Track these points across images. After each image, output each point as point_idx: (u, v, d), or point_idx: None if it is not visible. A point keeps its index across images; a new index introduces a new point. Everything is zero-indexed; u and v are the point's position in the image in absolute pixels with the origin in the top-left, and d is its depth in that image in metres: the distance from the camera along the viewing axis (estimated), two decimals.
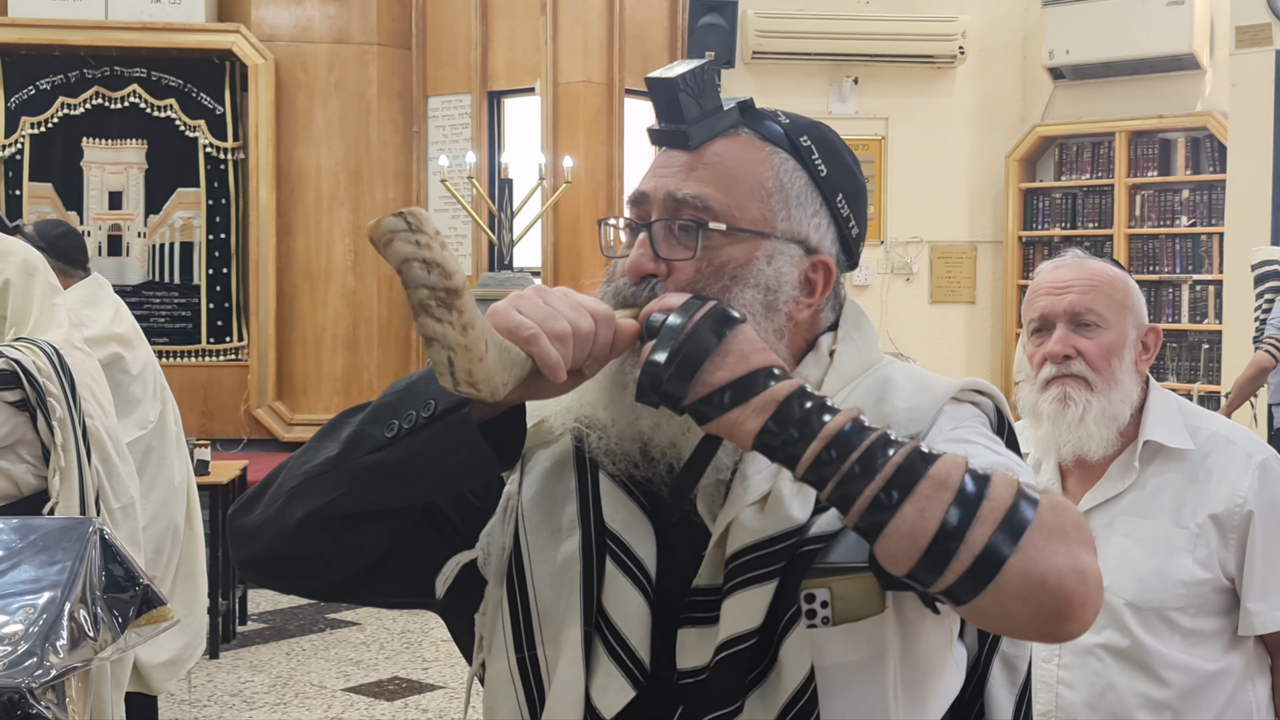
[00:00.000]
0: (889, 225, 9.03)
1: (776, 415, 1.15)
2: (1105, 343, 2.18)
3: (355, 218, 8.85)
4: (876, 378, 1.36)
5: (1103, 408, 2.16)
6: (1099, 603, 1.11)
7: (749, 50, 8.66)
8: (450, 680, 5.68)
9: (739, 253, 1.30)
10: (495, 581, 1.32)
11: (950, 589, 1.09)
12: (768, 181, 1.32)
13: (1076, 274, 2.21)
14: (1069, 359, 2.18)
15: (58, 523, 2.54)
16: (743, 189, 1.31)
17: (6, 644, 2.20)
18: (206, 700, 5.39)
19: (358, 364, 8.89)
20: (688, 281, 1.29)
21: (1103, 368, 2.17)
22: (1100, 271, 2.22)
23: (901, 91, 8.95)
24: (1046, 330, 2.21)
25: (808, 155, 1.35)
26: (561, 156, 7.85)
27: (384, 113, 8.82)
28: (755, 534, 1.23)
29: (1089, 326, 2.19)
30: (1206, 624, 2.13)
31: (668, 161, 1.33)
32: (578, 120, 8.15)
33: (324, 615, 6.77)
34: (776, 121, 1.36)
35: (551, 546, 1.30)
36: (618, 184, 8.27)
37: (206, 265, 8.92)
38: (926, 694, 1.31)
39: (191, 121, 8.83)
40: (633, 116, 8.49)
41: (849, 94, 8.97)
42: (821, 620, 1.23)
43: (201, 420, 8.48)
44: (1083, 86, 8.68)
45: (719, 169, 1.31)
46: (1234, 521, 2.13)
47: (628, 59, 8.30)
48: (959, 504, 1.09)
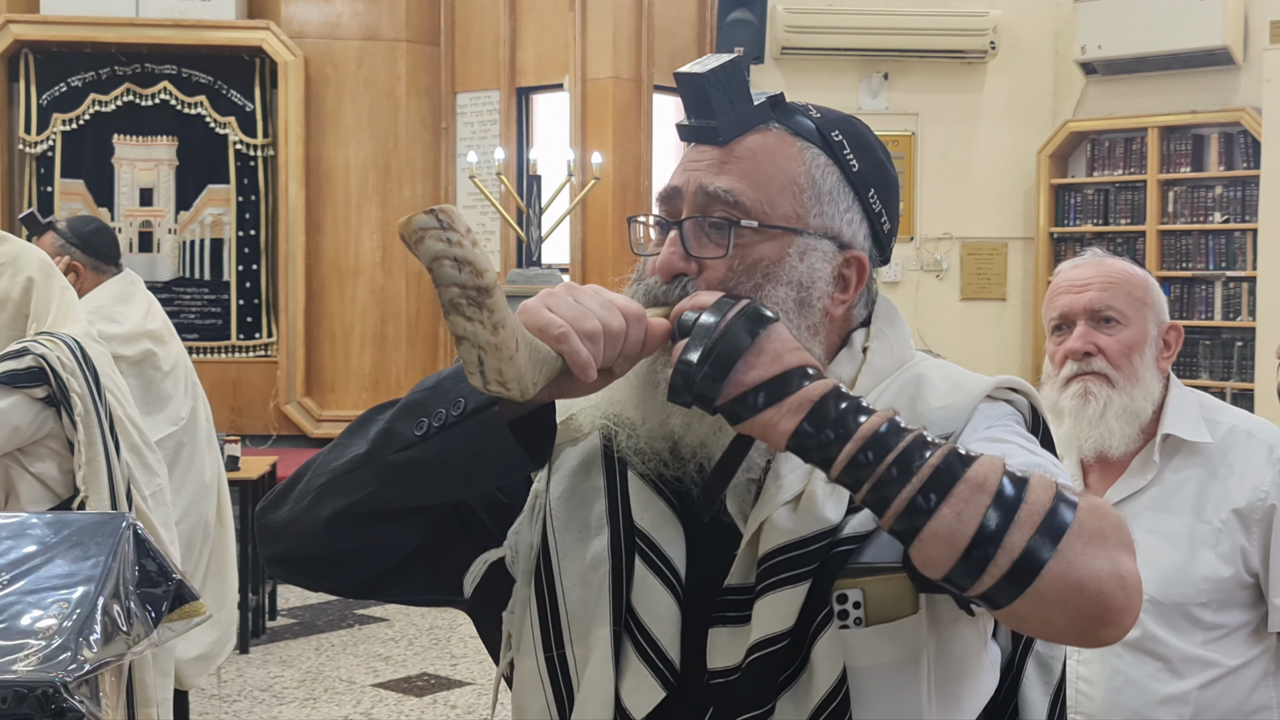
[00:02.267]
0: (919, 222, 8.98)
1: (811, 416, 1.14)
2: (1125, 339, 2.18)
3: (384, 214, 8.87)
4: (910, 375, 1.34)
5: (1124, 404, 2.16)
6: (1138, 607, 1.10)
7: (778, 46, 8.63)
8: (479, 677, 5.68)
9: (771, 250, 1.28)
10: (523, 580, 1.31)
11: (988, 593, 1.08)
12: (800, 177, 1.31)
13: (1096, 272, 2.22)
14: (1089, 356, 2.18)
15: (91, 517, 2.54)
16: (774, 184, 1.30)
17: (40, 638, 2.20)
18: (236, 695, 5.41)
19: (386, 360, 8.91)
20: (719, 280, 1.27)
21: (1123, 364, 2.17)
22: (1119, 269, 2.23)
23: (932, 87, 8.91)
24: (1067, 328, 2.22)
25: (839, 150, 1.33)
26: (590, 153, 7.85)
27: (413, 109, 8.83)
28: (788, 534, 1.22)
29: (1109, 323, 2.19)
30: (1229, 619, 2.12)
31: (698, 157, 1.32)
32: (606, 116, 8.14)
33: (353, 611, 6.79)
34: (807, 116, 1.35)
35: (580, 545, 1.29)
36: (646, 180, 8.26)
37: (236, 262, 8.96)
38: (961, 695, 1.30)
39: (222, 118, 8.87)
40: (661, 112, 8.47)
41: (879, 89, 8.93)
42: (854, 621, 1.22)
43: (231, 416, 8.52)
44: (1115, 81, 8.61)
45: (750, 164, 1.30)
46: (1256, 515, 2.12)
47: (656, 55, 8.28)
48: (997, 507, 1.07)
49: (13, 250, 3.27)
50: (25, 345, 3.14)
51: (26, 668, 2.15)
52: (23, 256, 3.26)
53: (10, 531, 2.47)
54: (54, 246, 4.12)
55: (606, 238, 8.14)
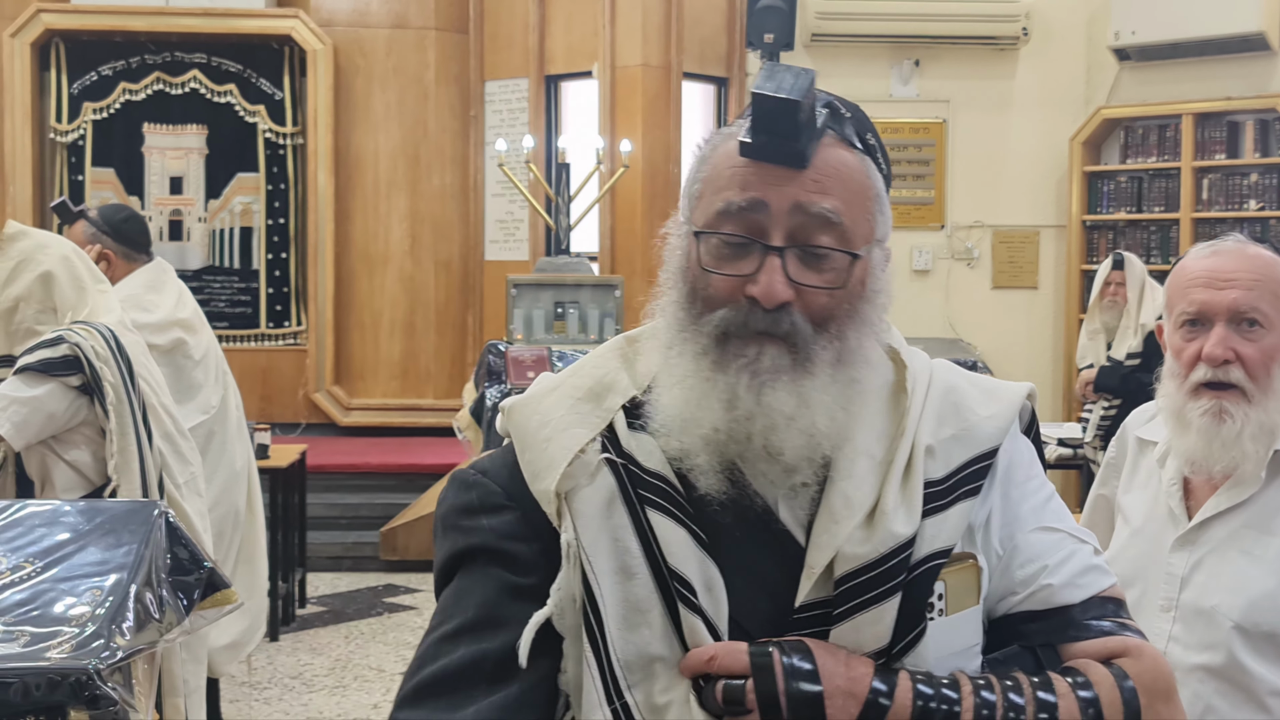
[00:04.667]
0: (950, 209, 8.93)
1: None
2: (1268, 346, 1.98)
3: (413, 202, 8.87)
4: (941, 384, 1.35)
5: (1260, 422, 1.97)
6: None
7: (808, 33, 8.58)
8: None
9: (860, 267, 1.27)
10: (573, 636, 1.26)
11: None
12: (869, 189, 1.29)
13: (1240, 264, 2.01)
14: (1228, 364, 1.98)
15: (123, 505, 2.54)
16: (858, 201, 1.28)
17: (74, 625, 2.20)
18: (267, 682, 5.42)
19: (415, 348, 8.91)
20: (822, 307, 1.24)
21: (1261, 375, 1.98)
22: (1265, 263, 2.01)
23: (963, 73, 8.84)
24: (1203, 325, 2.01)
25: (875, 154, 1.32)
26: (619, 141, 7.82)
27: (441, 97, 8.82)
28: (867, 555, 1.23)
29: (1252, 326, 1.98)
30: None
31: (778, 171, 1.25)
32: (635, 104, 8.11)
33: (382, 599, 6.79)
34: (850, 119, 1.32)
35: (622, 588, 1.24)
36: (675, 168, 8.23)
37: (266, 250, 8.98)
38: None
39: (251, 107, 8.88)
40: (690, 100, 8.44)
41: (910, 76, 8.87)
42: (938, 612, 1.25)
43: (261, 404, 8.54)
44: (1149, 68, 8.53)
45: (836, 181, 1.26)
46: None
47: (686, 42, 8.25)
48: None
49: (30, 245, 3.28)
50: (60, 334, 3.16)
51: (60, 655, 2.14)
52: (41, 250, 3.27)
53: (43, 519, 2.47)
54: (85, 235, 4.12)
55: (636, 226, 8.12)
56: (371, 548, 7.38)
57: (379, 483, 7.80)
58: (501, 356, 6.97)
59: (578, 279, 7.38)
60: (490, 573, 1.27)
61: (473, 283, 8.89)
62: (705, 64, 8.47)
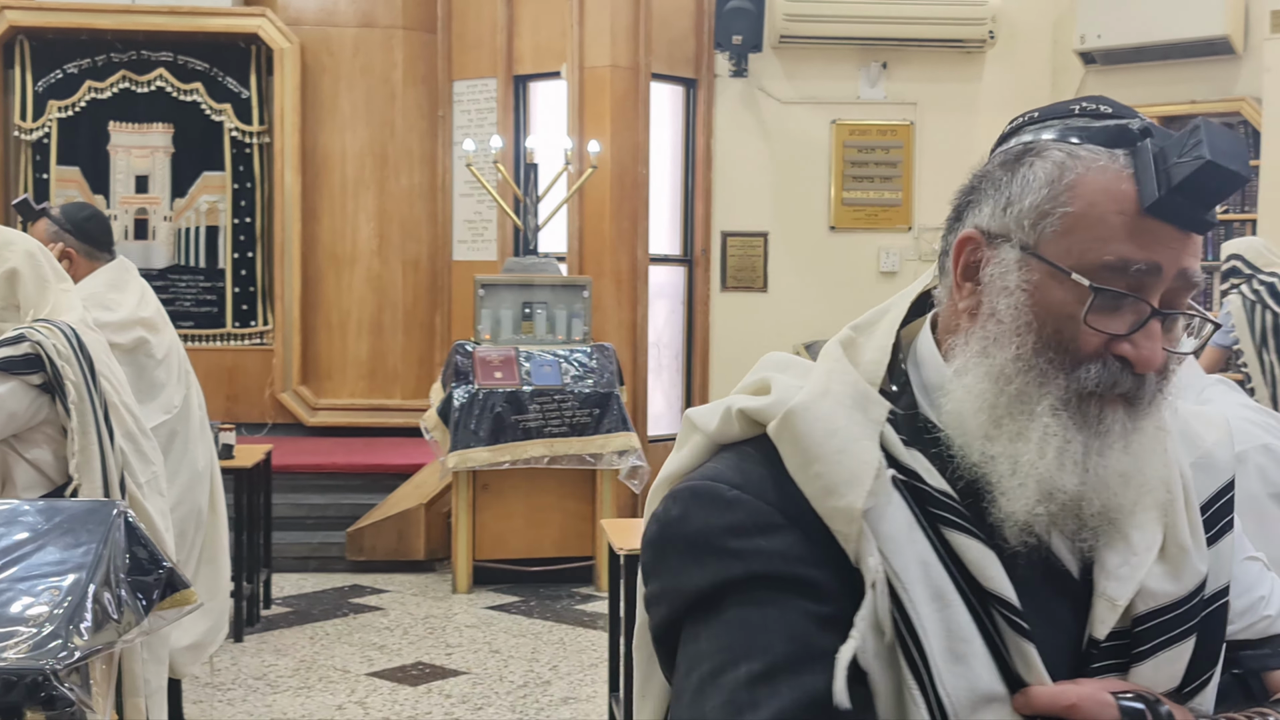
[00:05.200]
0: (918, 211, 8.97)
1: None
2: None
3: (381, 202, 8.85)
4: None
5: None
6: None
7: (776, 34, 8.60)
8: (473, 666, 5.67)
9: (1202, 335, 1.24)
10: (881, 671, 1.13)
11: None
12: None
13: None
14: None
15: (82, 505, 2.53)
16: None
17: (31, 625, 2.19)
18: (230, 684, 5.39)
19: (382, 348, 8.89)
20: (1173, 373, 1.20)
21: None
22: None
23: (931, 76, 8.89)
24: None
25: None
26: (587, 141, 7.82)
27: (409, 97, 8.80)
28: (1169, 595, 1.21)
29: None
30: None
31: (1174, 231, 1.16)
32: (604, 105, 8.11)
33: (348, 600, 6.77)
34: None
35: (941, 617, 1.14)
36: (643, 169, 8.23)
37: (232, 249, 8.94)
38: None
39: (217, 105, 8.84)
40: (659, 101, 8.45)
41: (878, 79, 8.90)
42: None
43: (226, 404, 8.50)
44: (1114, 71, 8.59)
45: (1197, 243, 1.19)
46: None
47: (654, 43, 8.25)
48: None
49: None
50: (22, 332, 3.14)
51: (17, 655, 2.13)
52: (7, 248, 3.25)
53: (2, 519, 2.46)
54: (48, 233, 4.10)
55: (604, 227, 8.12)
56: (338, 548, 7.36)
57: (345, 483, 7.78)
58: (469, 357, 6.97)
59: (546, 279, 7.38)
60: (788, 601, 1.12)
61: (441, 283, 8.88)
62: (674, 65, 8.48)
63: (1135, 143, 1.16)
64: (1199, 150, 1.12)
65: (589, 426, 6.87)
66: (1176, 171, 1.12)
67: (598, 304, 7.82)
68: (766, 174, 8.87)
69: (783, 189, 8.90)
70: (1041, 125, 1.21)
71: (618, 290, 8.11)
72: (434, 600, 6.78)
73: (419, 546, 7.33)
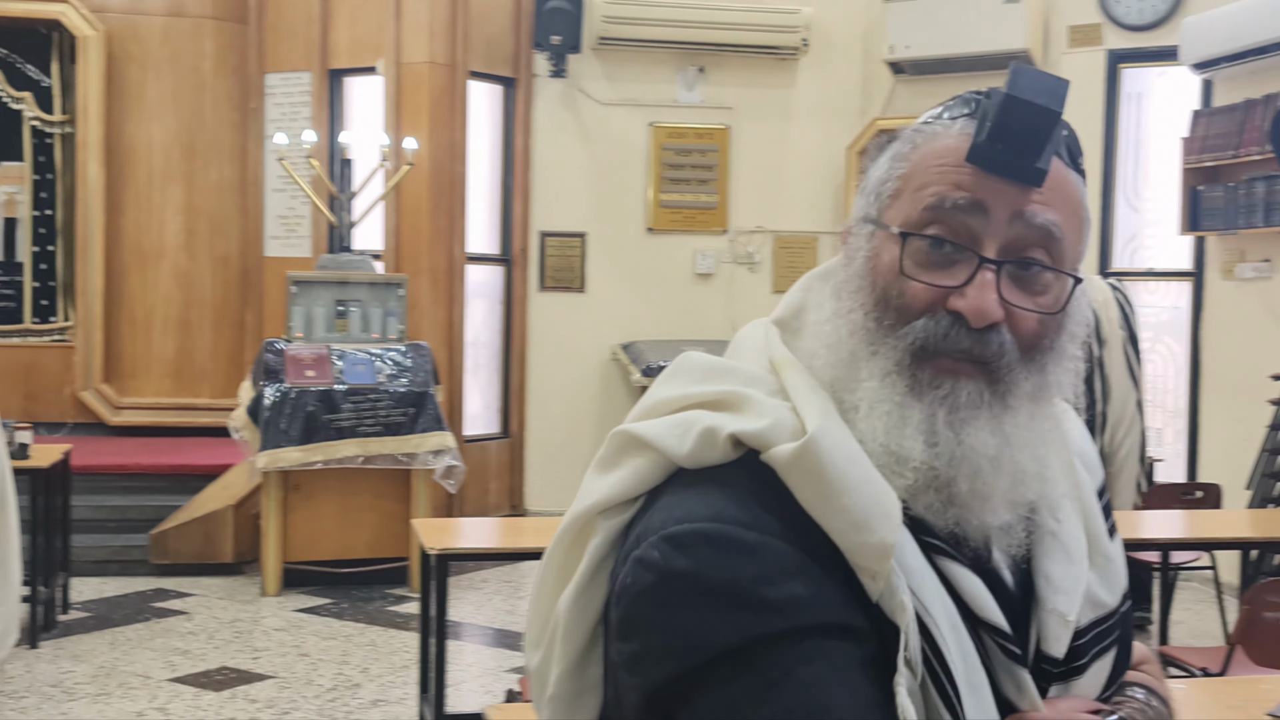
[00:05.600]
0: (733, 214, 9.09)
1: None
2: None
3: (189, 196, 8.62)
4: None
5: None
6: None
7: (595, 35, 8.64)
8: (280, 670, 5.56)
9: (1064, 294, 1.13)
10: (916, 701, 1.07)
11: None
12: (1084, 214, 1.17)
13: None
14: None
15: None
16: (1075, 222, 1.15)
17: None
18: (24, 691, 5.18)
19: (190, 346, 8.66)
20: (1031, 332, 1.10)
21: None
22: None
23: (747, 81, 9.02)
24: None
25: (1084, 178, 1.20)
26: (404, 138, 7.73)
27: (220, 88, 8.59)
28: (1106, 605, 1.19)
29: None
30: None
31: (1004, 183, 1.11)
32: (421, 102, 8.03)
33: (151, 605, 6.57)
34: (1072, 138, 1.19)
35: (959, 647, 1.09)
36: (460, 167, 8.18)
37: (32, 242, 8.61)
38: None
39: (16, 93, 8.51)
40: (477, 100, 8.40)
41: (695, 83, 9.01)
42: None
43: (24, 403, 8.18)
44: (922, 81, 8.84)
45: (1058, 195, 1.13)
46: None
47: (472, 41, 8.21)
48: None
49: None
50: None
51: None
52: None
53: None
54: None
55: (421, 224, 8.04)
56: (141, 551, 7.13)
57: (150, 484, 7.54)
58: (280, 355, 6.83)
59: (360, 277, 7.28)
60: (833, 652, 1.03)
61: (252, 279, 8.68)
62: (492, 64, 8.45)
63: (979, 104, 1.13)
64: (1008, 90, 1.09)
65: (404, 426, 6.80)
66: (993, 119, 1.10)
67: (414, 302, 7.74)
68: (585, 175, 8.89)
69: (601, 190, 8.93)
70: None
71: (434, 289, 8.04)
72: (241, 604, 6.63)
73: (227, 549, 7.15)
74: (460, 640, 6.13)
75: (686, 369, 1.18)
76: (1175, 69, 7.68)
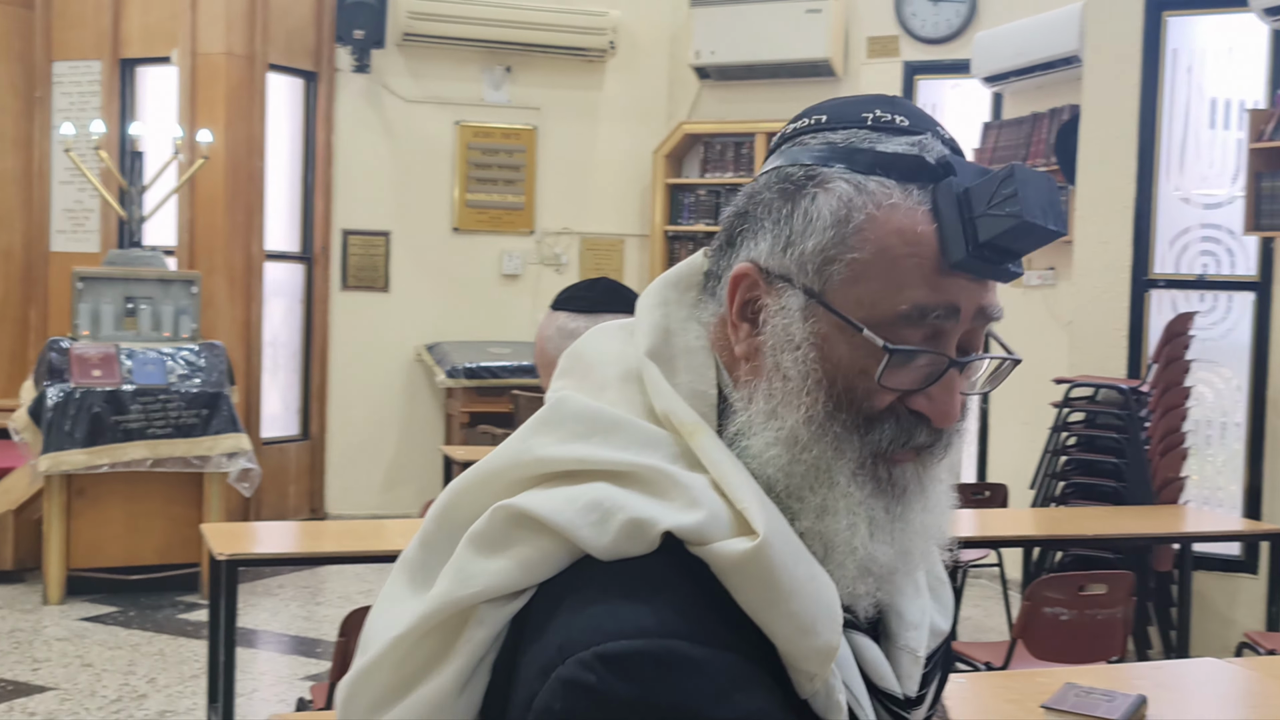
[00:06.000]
0: (540, 215, 9.07)
1: None
2: None
3: None
4: None
5: None
6: None
7: (400, 31, 8.52)
8: (63, 681, 5.32)
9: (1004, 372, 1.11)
10: None
11: None
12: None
13: None
14: None
15: None
16: None
17: None
18: None
19: None
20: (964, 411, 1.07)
21: None
22: None
23: (554, 82, 9.01)
24: None
25: None
26: (198, 130, 7.49)
27: (2, 75, 8.20)
28: (943, 632, 1.15)
29: None
30: None
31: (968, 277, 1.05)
32: (217, 94, 7.80)
33: None
34: None
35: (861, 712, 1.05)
36: (259, 161, 7.97)
37: None
38: None
39: None
40: (277, 93, 8.20)
41: (502, 82, 8.95)
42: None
43: None
44: (727, 87, 8.95)
45: None
46: None
47: (272, 33, 8.01)
48: None
49: None
50: None
51: None
52: None
53: None
54: None
55: (217, 220, 7.80)
56: None
57: None
58: (65, 354, 6.55)
59: (151, 273, 7.02)
60: None
61: (37, 275, 8.30)
62: (293, 56, 8.26)
63: (935, 179, 1.01)
64: (1013, 206, 0.98)
65: (196, 428, 6.59)
66: (985, 226, 0.99)
67: (209, 300, 7.51)
68: (389, 172, 8.76)
69: (406, 188, 8.81)
70: (829, 131, 1.07)
71: (231, 286, 7.82)
72: (21, 613, 6.33)
73: (6, 555, 6.82)
74: (255, 648, 5.96)
75: (567, 418, 1.04)
76: (968, 81, 7.93)
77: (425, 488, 8.45)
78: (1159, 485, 5.83)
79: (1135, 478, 5.78)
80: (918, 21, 8.24)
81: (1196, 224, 6.31)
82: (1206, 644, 5.85)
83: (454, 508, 1.05)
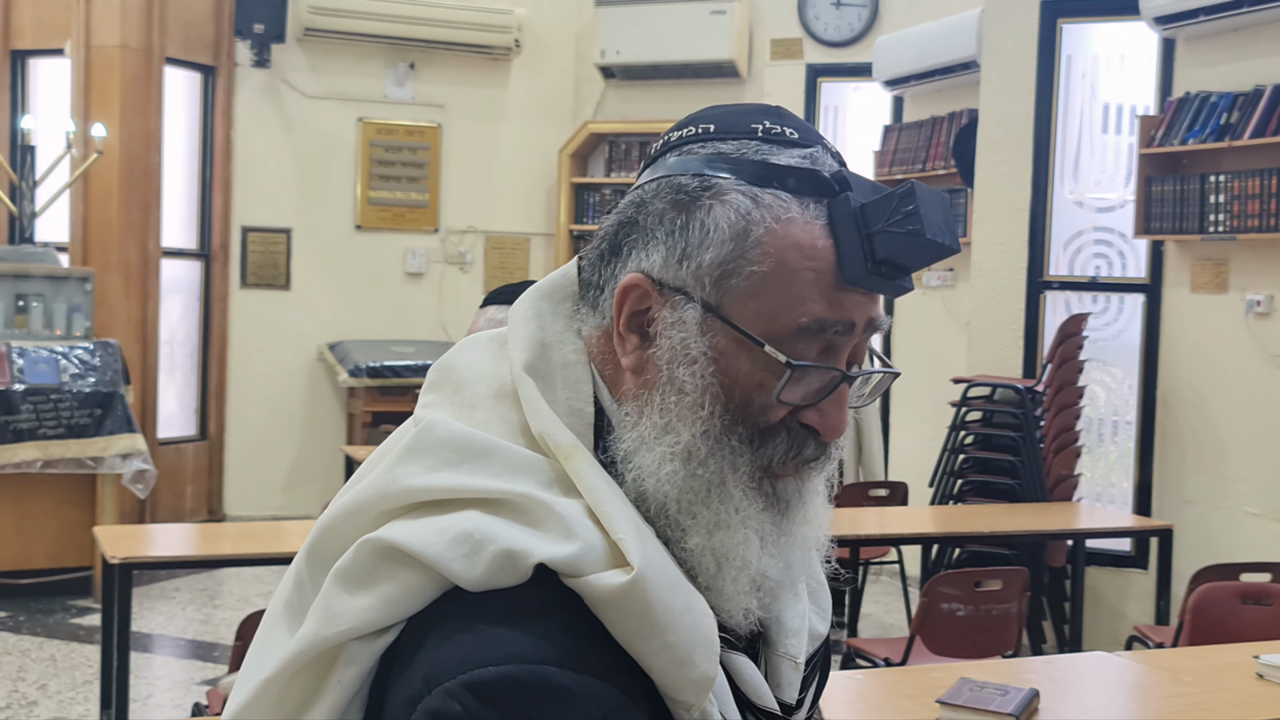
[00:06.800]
0: (444, 213, 9.01)
1: None
2: None
3: None
4: None
5: None
6: None
7: (301, 26, 8.41)
8: None
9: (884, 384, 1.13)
10: None
11: None
12: None
13: None
14: None
15: None
16: None
17: None
18: None
19: None
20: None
21: None
22: None
23: (459, 80, 8.95)
24: None
25: None
26: (92, 124, 7.34)
27: None
28: (821, 635, 1.15)
29: None
30: None
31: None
32: (112, 87, 7.63)
33: None
34: None
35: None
36: (155, 156, 7.82)
37: None
38: None
39: None
40: (174, 87, 8.06)
41: (405, 79, 8.88)
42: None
43: None
44: (632, 86, 8.96)
45: None
46: None
47: (170, 26, 7.86)
48: None
49: None
50: None
51: None
52: None
53: None
54: None
55: (112, 215, 7.64)
56: None
57: None
58: None
59: (42, 270, 6.86)
60: None
61: None
62: (191, 50, 8.12)
63: (831, 194, 1.01)
64: (914, 224, 0.98)
65: (89, 428, 6.45)
66: (883, 242, 0.99)
67: (103, 298, 7.36)
68: (290, 169, 8.65)
69: (307, 185, 8.71)
70: (718, 141, 1.05)
71: (126, 284, 7.66)
72: None
73: None
74: (150, 653, 5.85)
75: (436, 445, 1.00)
76: (869, 84, 8.02)
77: (326, 488, 8.36)
78: (1053, 483, 5.94)
79: (1030, 475, 5.88)
80: (820, 25, 8.32)
81: (1089, 227, 6.44)
82: (1098, 637, 5.98)
83: (322, 543, 1.02)
